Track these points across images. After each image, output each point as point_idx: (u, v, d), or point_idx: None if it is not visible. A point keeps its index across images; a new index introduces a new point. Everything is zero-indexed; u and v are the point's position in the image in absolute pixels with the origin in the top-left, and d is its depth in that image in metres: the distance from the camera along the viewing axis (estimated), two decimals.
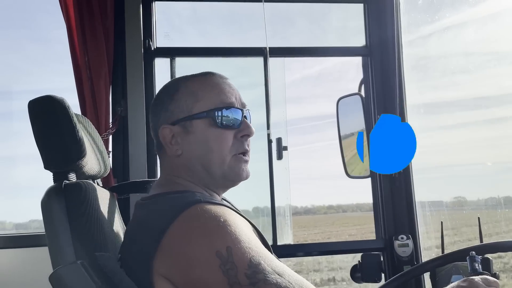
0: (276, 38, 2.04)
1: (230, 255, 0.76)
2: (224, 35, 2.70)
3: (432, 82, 5.47)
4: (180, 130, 0.97)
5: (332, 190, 75.21)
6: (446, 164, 20.85)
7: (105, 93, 1.78)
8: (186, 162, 0.97)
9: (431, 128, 5.33)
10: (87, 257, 0.83)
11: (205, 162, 0.96)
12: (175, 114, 0.97)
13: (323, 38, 2.43)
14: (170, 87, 1.02)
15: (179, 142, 0.97)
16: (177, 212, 0.82)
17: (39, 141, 0.92)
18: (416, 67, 2.24)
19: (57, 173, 0.95)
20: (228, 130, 0.97)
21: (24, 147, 0.86)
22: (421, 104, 2.37)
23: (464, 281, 0.97)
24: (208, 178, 0.97)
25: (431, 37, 3.88)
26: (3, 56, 2.12)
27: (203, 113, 0.96)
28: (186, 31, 2.32)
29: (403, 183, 1.97)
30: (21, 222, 2.97)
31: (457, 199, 10.47)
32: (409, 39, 2.01)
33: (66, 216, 0.87)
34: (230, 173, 0.97)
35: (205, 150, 0.95)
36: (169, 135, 0.97)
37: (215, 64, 2.14)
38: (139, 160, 1.83)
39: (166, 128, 0.97)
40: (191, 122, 0.96)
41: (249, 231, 0.86)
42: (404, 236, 1.88)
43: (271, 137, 1.94)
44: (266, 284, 0.75)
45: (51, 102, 0.92)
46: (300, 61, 2.20)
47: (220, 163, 0.96)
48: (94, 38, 1.78)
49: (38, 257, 1.41)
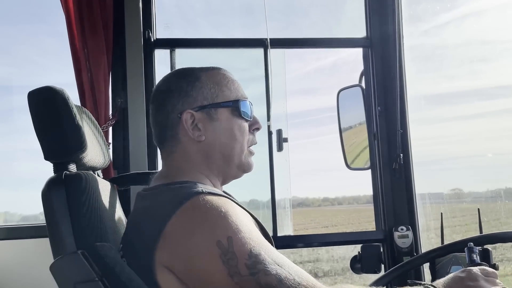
0: (276, 29, 2.03)
1: (230, 245, 0.77)
2: (224, 25, 2.69)
3: (449, 71, 5.42)
4: (204, 117, 0.98)
5: (337, 182, 75.22)
6: (466, 155, 20.49)
7: (105, 84, 1.77)
8: (206, 148, 0.98)
9: (447, 118, 5.29)
10: (87, 247, 0.83)
11: (227, 150, 0.99)
12: (198, 101, 0.98)
13: (323, 28, 2.41)
14: (187, 74, 1.02)
15: (201, 128, 0.98)
16: (179, 203, 0.83)
17: (39, 132, 0.93)
18: (432, 57, 2.22)
19: (57, 164, 0.95)
20: (247, 122, 1.02)
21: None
22: (430, 95, 2.35)
23: (463, 272, 0.98)
24: (223, 166, 1.00)
25: (448, 26, 3.83)
26: (22, 51, 2.14)
27: (229, 102, 0.99)
28: (186, 22, 2.31)
29: (404, 175, 1.97)
30: (32, 214, 2.98)
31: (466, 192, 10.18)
32: (423, 28, 1.99)
33: (67, 206, 0.87)
34: (244, 164, 1.02)
35: (229, 138, 0.99)
36: (190, 120, 0.97)
37: (215, 55, 2.13)
38: (139, 152, 1.83)
39: (189, 113, 0.97)
40: (216, 110, 0.98)
41: (249, 222, 0.87)
42: (404, 227, 1.89)
43: (271, 128, 1.94)
44: (266, 274, 0.75)
45: (50, 93, 0.92)
46: (314, 52, 2.19)
47: (240, 152, 1.01)
48: (93, 30, 1.77)
49: (39, 247, 1.42)
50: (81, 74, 1.74)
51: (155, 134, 1.04)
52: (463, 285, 0.94)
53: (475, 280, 0.94)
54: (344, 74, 28.16)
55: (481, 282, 0.95)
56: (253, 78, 1.96)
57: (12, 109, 4.51)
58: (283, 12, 3.48)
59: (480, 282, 0.94)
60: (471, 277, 0.95)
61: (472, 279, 0.95)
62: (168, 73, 1.08)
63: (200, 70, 1.03)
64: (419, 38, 1.82)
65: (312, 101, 79.75)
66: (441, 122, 5.60)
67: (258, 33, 1.96)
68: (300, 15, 5.94)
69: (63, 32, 1.73)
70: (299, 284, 0.76)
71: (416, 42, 2.01)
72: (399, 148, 1.94)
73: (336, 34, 2.11)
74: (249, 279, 0.75)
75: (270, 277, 0.75)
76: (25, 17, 1.60)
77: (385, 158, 1.99)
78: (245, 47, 2.04)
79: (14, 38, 2.48)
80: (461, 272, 0.98)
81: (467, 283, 0.94)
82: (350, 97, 2.02)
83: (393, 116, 1.96)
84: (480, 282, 0.94)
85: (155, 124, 1.03)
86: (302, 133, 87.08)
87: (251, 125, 1.04)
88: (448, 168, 7.62)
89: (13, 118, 3.17)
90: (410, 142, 2.00)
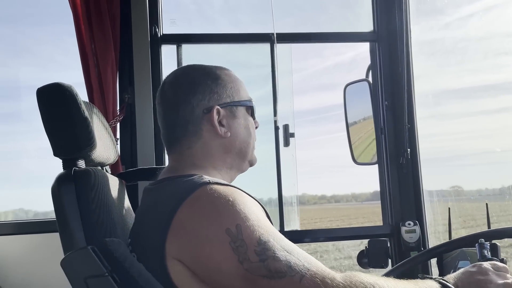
0: (282, 23, 2.02)
1: (239, 233, 0.77)
2: (230, 21, 2.67)
3: (472, 65, 5.29)
4: (227, 114, 1.01)
5: (337, 179, 74.78)
6: (490, 150, 19.84)
7: (112, 80, 1.78)
8: (228, 144, 1.01)
9: (471, 113, 5.16)
10: (97, 243, 0.83)
11: (245, 146, 1.04)
12: (223, 98, 1.01)
13: (330, 23, 2.40)
14: (208, 71, 1.03)
15: (225, 124, 1.00)
16: (186, 194, 0.83)
17: (48, 128, 0.93)
18: (454, 51, 2.19)
19: (67, 160, 0.95)
20: (254, 121, 1.09)
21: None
22: (453, 89, 2.32)
23: (473, 267, 0.97)
24: (238, 160, 1.05)
25: (471, 18, 3.71)
26: (46, 51, 2.13)
27: (246, 101, 1.05)
28: (193, 18, 2.31)
29: (411, 170, 1.97)
30: (44, 210, 3.00)
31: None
32: (445, 21, 1.95)
33: (76, 202, 0.88)
34: (254, 158, 1.09)
35: (247, 135, 1.05)
36: (216, 116, 0.99)
37: (221, 51, 2.13)
38: (147, 147, 1.84)
39: (217, 109, 1.00)
40: (237, 108, 1.03)
41: (258, 210, 0.87)
42: (411, 222, 1.88)
43: (278, 124, 1.94)
44: (276, 261, 0.76)
45: (59, 90, 0.92)
46: (333, 46, 2.18)
47: (252, 148, 1.08)
48: (101, 26, 1.77)
49: (50, 242, 1.43)
50: (89, 70, 1.75)
51: (170, 128, 1.01)
52: (474, 279, 0.94)
53: (486, 275, 0.94)
54: (363, 70, 28.25)
55: (492, 276, 0.94)
56: (261, 73, 1.96)
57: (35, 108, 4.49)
58: (290, 8, 3.44)
59: (491, 277, 0.94)
60: (482, 271, 0.95)
61: (483, 273, 0.95)
62: (183, 67, 1.09)
63: (216, 69, 1.05)
64: (440, 31, 1.79)
65: (331, 96, 79.27)
66: (464, 117, 5.51)
67: (265, 29, 1.96)
68: (308, 9, 5.79)
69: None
70: (308, 270, 0.76)
71: (437, 36, 1.97)
72: (406, 143, 1.94)
73: (343, 28, 2.10)
74: (259, 265, 0.76)
75: (279, 263, 0.75)
76: (49, 19, 1.61)
77: (392, 153, 1.98)
78: (251, 42, 2.04)
79: (38, 39, 2.48)
80: (472, 267, 0.98)
81: (477, 277, 0.94)
82: (357, 91, 2.01)
83: (401, 110, 1.95)
84: (491, 277, 0.94)
85: (173, 119, 1.00)
86: (321, 129, 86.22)
87: (255, 123, 1.10)
88: (472, 164, 7.47)
89: (36, 117, 3.18)
90: (417, 136, 1.99)
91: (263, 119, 1.78)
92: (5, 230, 1.79)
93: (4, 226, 1.82)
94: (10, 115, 1.32)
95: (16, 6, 2.72)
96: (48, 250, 1.43)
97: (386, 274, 1.32)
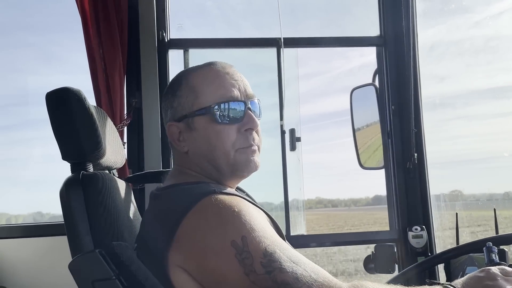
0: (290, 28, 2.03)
1: (245, 245, 0.77)
2: (237, 26, 2.68)
3: (504, 64, 5.06)
4: (185, 127, 0.97)
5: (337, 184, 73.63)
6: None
7: (120, 84, 1.80)
8: (193, 158, 0.98)
9: (503, 113, 4.93)
10: (104, 246, 0.84)
11: (211, 159, 0.95)
12: (178, 111, 0.98)
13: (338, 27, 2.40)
14: (174, 83, 1.02)
15: (185, 139, 0.98)
16: (192, 203, 0.83)
17: (57, 132, 0.94)
18: (485, 50, 2.12)
19: (75, 164, 0.96)
20: (229, 125, 0.94)
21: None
22: (483, 89, 2.25)
23: (482, 271, 0.95)
24: (216, 173, 0.97)
25: (503, 16, 3.47)
26: (74, 58, 2.11)
27: (202, 110, 0.95)
28: (200, 23, 2.32)
29: (418, 174, 1.96)
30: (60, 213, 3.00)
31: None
32: (474, 20, 1.90)
33: (84, 205, 0.88)
34: (238, 167, 0.95)
35: (209, 147, 0.95)
36: (176, 131, 0.98)
37: (229, 55, 2.14)
38: (154, 151, 1.85)
39: (173, 125, 0.99)
40: (193, 119, 0.96)
41: (263, 220, 0.87)
42: (418, 227, 1.87)
43: (284, 128, 1.94)
44: (282, 272, 0.75)
45: (68, 94, 0.93)
46: (357, 49, 2.18)
47: (225, 158, 0.94)
48: (109, 30, 1.79)
49: (58, 245, 1.44)
50: (97, 75, 1.77)
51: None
52: (482, 284, 0.92)
53: (494, 280, 0.93)
54: None
55: (501, 281, 0.92)
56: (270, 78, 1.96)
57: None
58: (296, 12, 3.42)
59: (499, 282, 0.92)
60: (490, 276, 0.93)
61: (491, 278, 0.93)
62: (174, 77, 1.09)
63: (188, 74, 1.00)
64: (469, 30, 1.73)
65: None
66: (496, 117, 5.31)
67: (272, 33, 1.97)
68: (314, 14, 5.75)
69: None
70: (315, 281, 0.75)
71: (466, 35, 1.92)
72: (413, 147, 1.93)
73: (350, 33, 2.10)
74: (265, 277, 0.75)
75: (286, 274, 0.75)
76: (76, 26, 1.63)
77: (399, 158, 1.98)
78: (258, 47, 2.05)
79: (66, 46, 2.46)
80: (480, 272, 0.96)
81: (486, 282, 0.92)
82: (364, 96, 2.01)
83: (407, 115, 1.94)
84: (499, 282, 0.92)
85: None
86: (346, 131, 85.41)
87: (242, 125, 0.95)
88: (506, 166, 7.24)
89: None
90: (424, 141, 1.99)
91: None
92: (14, 233, 1.81)
93: (13, 229, 1.83)
94: (41, 121, 1.34)
95: (37, 16, 2.71)
96: (56, 253, 1.44)
97: (392, 279, 1.31)
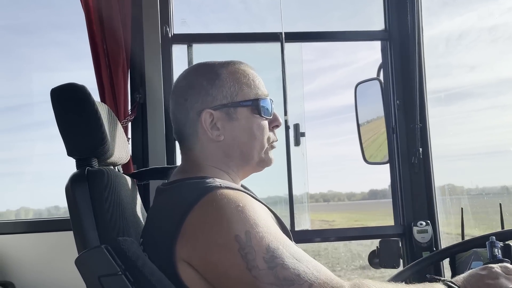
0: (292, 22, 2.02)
1: (248, 240, 0.77)
2: (240, 21, 2.67)
3: None
4: (223, 116, 0.97)
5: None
6: None
7: (124, 80, 1.80)
8: (225, 147, 0.98)
9: None
10: (110, 242, 0.84)
11: (246, 149, 0.99)
12: (218, 100, 0.97)
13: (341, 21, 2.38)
14: (208, 71, 1.01)
15: (220, 127, 0.97)
16: (197, 198, 0.83)
17: (62, 128, 0.94)
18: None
19: (80, 159, 0.96)
20: (266, 120, 1.01)
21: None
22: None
23: (483, 269, 0.95)
24: (242, 163, 1.01)
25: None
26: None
27: (249, 101, 0.99)
28: (203, 18, 2.31)
29: (423, 169, 1.95)
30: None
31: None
32: (507, 5, 1.85)
33: (90, 201, 0.88)
34: (265, 160, 1.03)
35: (249, 137, 0.99)
36: (209, 119, 0.97)
37: (232, 50, 2.13)
38: (158, 147, 1.85)
39: (208, 112, 0.97)
40: (235, 109, 0.98)
41: (267, 216, 0.87)
42: (423, 222, 1.87)
43: (288, 123, 1.94)
44: (284, 269, 0.76)
45: (72, 90, 0.93)
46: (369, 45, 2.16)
47: (260, 150, 1.01)
48: (112, 26, 1.78)
49: (64, 241, 1.45)
50: (101, 70, 1.77)
51: (175, 129, 1.04)
52: (483, 283, 0.91)
53: (496, 279, 0.92)
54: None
55: (502, 280, 0.92)
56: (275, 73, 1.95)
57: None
58: (299, 6, 3.41)
59: (501, 280, 0.91)
60: (491, 275, 0.92)
61: (492, 277, 0.92)
62: (188, 68, 1.07)
63: (221, 66, 1.01)
64: (502, 16, 1.71)
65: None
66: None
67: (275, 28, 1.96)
68: (318, 8, 5.68)
69: None
70: (317, 278, 0.76)
71: (498, 22, 1.87)
72: (418, 142, 1.92)
73: (354, 27, 2.09)
74: (267, 273, 0.76)
75: (288, 271, 0.76)
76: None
77: (403, 152, 1.97)
78: (261, 41, 2.04)
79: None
80: (482, 270, 0.95)
81: (487, 281, 0.91)
82: (368, 90, 2.00)
83: (412, 110, 1.93)
84: (500, 280, 0.91)
85: (175, 121, 1.03)
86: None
87: (270, 122, 1.03)
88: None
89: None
90: (429, 136, 1.98)
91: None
92: (20, 229, 1.82)
93: (19, 225, 1.85)
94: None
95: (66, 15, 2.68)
96: (62, 248, 1.45)
97: (397, 274, 1.31)
